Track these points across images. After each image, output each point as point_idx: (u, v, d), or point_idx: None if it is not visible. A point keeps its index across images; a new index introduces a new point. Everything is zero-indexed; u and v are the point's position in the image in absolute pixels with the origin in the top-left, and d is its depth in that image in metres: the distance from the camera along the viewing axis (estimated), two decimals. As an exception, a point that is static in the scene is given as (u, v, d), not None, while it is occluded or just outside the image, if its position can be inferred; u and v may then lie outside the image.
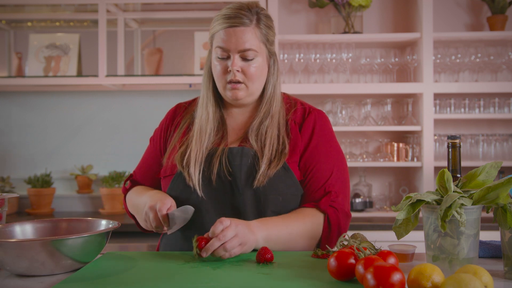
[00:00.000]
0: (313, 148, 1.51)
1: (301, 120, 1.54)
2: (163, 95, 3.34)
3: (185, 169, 1.46)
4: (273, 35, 1.53)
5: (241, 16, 1.45)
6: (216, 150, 1.48)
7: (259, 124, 1.51)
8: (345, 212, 1.48)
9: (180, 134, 1.56)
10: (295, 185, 1.47)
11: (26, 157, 3.38)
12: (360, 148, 3.15)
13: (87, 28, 3.48)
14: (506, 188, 1.10)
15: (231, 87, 1.48)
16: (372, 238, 1.41)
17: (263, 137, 1.48)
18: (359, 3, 3.00)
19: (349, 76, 3.16)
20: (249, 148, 1.47)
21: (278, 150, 1.47)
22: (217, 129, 1.53)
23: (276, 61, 1.56)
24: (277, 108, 1.53)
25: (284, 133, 1.50)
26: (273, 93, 1.54)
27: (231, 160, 1.45)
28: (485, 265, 1.24)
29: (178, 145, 1.53)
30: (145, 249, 2.65)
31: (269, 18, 1.52)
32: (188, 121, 1.58)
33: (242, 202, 1.43)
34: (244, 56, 1.46)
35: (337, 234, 1.46)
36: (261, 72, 1.50)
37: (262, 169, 1.43)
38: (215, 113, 1.54)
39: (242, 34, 1.44)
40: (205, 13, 3.33)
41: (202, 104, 1.54)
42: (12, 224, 1.31)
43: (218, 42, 1.47)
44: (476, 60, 3.05)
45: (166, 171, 1.52)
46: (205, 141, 1.49)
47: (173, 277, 1.12)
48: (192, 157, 1.46)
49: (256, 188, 1.43)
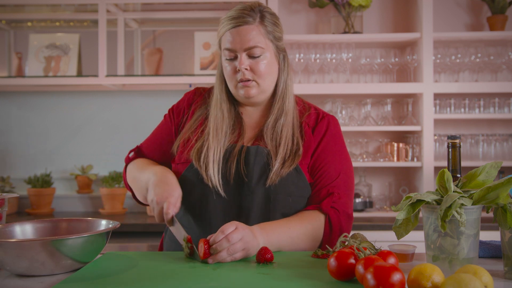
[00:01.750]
0: (322, 150, 1.52)
1: (314, 123, 1.56)
2: (163, 95, 3.34)
3: (203, 168, 1.45)
4: (280, 31, 1.53)
5: (244, 16, 1.46)
6: (233, 148, 1.48)
7: (274, 122, 1.51)
8: (347, 213, 1.48)
9: (196, 125, 1.55)
10: (305, 187, 1.48)
11: (26, 157, 3.38)
12: (360, 148, 3.15)
13: (87, 28, 3.48)
14: (506, 188, 1.10)
15: (243, 85, 1.48)
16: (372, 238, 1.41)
17: (278, 136, 1.49)
18: (359, 3, 3.00)
19: (349, 76, 3.16)
20: (263, 147, 1.48)
21: (292, 150, 1.48)
22: (233, 127, 1.53)
23: (286, 57, 1.56)
24: (291, 105, 1.54)
25: (298, 135, 1.51)
26: (285, 90, 1.54)
27: (247, 160, 1.46)
28: (485, 265, 1.24)
29: (193, 138, 1.52)
30: (145, 249, 2.65)
31: (274, 15, 1.53)
32: (203, 114, 1.57)
33: (251, 201, 1.44)
34: (251, 53, 1.46)
35: (338, 236, 1.46)
36: (270, 69, 1.50)
37: (275, 167, 1.44)
38: (229, 112, 1.54)
39: (246, 33, 1.45)
40: (205, 13, 3.33)
41: (216, 105, 1.54)
42: (12, 224, 1.31)
43: (225, 44, 1.48)
44: (476, 60, 3.05)
45: (181, 159, 1.52)
46: (221, 140, 1.49)
47: (173, 277, 1.12)
48: (210, 157, 1.45)
49: (267, 187, 1.43)
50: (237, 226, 1.27)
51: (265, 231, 1.35)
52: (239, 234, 1.25)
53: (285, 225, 1.41)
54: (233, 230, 1.26)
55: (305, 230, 1.42)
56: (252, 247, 1.29)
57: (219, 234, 1.25)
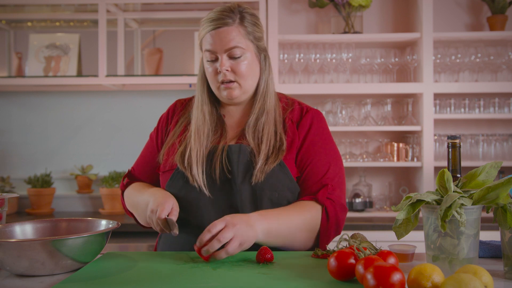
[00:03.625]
0: (309, 144, 1.52)
1: (299, 118, 1.56)
2: (163, 95, 3.34)
3: (187, 169, 1.46)
4: (260, 31, 1.54)
5: (223, 17, 1.47)
6: (216, 149, 1.49)
7: (255, 121, 1.52)
8: (342, 204, 1.49)
9: (178, 132, 1.57)
10: (290, 182, 1.48)
11: (26, 157, 3.38)
12: (360, 148, 3.15)
13: (87, 28, 3.48)
14: (506, 188, 1.10)
15: (225, 87, 1.49)
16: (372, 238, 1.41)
17: (260, 134, 1.50)
18: (359, 3, 3.00)
19: (349, 76, 3.16)
20: (246, 145, 1.49)
21: (275, 146, 1.48)
22: (215, 128, 1.54)
23: (267, 57, 1.57)
24: (272, 104, 1.55)
25: (281, 130, 1.52)
26: (266, 89, 1.55)
27: (230, 158, 1.47)
28: (485, 265, 1.24)
29: (177, 143, 1.54)
30: (145, 249, 2.65)
31: (254, 15, 1.54)
32: (186, 120, 1.59)
33: (240, 199, 1.44)
34: (232, 54, 1.47)
35: (335, 227, 1.47)
36: (251, 69, 1.51)
37: (259, 164, 1.44)
38: (211, 113, 1.56)
39: (226, 34, 1.46)
40: (205, 13, 3.33)
41: (197, 107, 1.55)
42: (12, 224, 1.31)
43: (205, 46, 1.50)
44: (476, 60, 3.05)
45: (166, 167, 1.53)
46: (204, 141, 1.50)
47: (173, 277, 1.12)
48: (193, 157, 1.46)
49: (253, 185, 1.44)
50: (227, 223, 1.26)
51: (265, 219, 1.35)
52: (229, 232, 1.24)
53: (284, 213, 1.41)
54: (223, 229, 1.25)
55: (304, 219, 1.42)
56: (249, 239, 1.28)
57: (206, 233, 1.24)
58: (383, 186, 3.23)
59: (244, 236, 1.27)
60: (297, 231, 1.41)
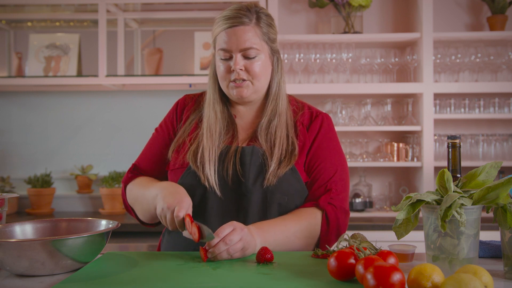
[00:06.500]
0: (317, 147, 1.52)
1: (309, 122, 1.56)
2: (163, 95, 3.34)
3: (200, 169, 1.45)
4: (274, 33, 1.53)
5: (240, 16, 1.45)
6: (229, 149, 1.49)
7: (267, 123, 1.51)
8: (344, 209, 1.49)
9: (189, 130, 1.55)
10: (301, 186, 1.48)
11: (26, 157, 3.38)
12: (360, 148, 3.15)
13: (87, 28, 3.48)
14: (506, 188, 1.10)
15: (235, 85, 1.48)
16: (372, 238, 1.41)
17: (273, 137, 1.49)
18: (359, 3, 3.00)
19: (349, 76, 3.16)
20: (258, 147, 1.48)
21: (288, 150, 1.48)
22: (226, 128, 1.53)
23: (280, 59, 1.56)
24: (284, 106, 1.54)
25: (293, 134, 1.51)
26: (278, 91, 1.54)
27: (242, 160, 1.46)
28: (485, 265, 1.24)
29: (188, 141, 1.52)
30: (145, 249, 2.64)
31: (270, 16, 1.53)
32: (197, 117, 1.57)
33: (249, 201, 1.44)
34: (246, 54, 1.46)
35: (336, 232, 1.47)
36: (265, 70, 1.50)
37: (272, 168, 1.44)
38: (222, 112, 1.54)
39: (242, 33, 1.45)
40: (205, 13, 3.33)
41: (209, 105, 1.54)
42: (12, 224, 1.31)
43: (220, 44, 1.48)
44: (476, 60, 3.05)
45: (176, 164, 1.51)
46: (216, 140, 1.49)
47: (173, 277, 1.12)
48: (206, 157, 1.45)
49: (265, 188, 1.44)
50: (235, 227, 1.27)
51: (261, 231, 1.36)
52: (237, 235, 1.25)
53: (281, 223, 1.41)
54: (231, 232, 1.26)
55: (300, 227, 1.42)
56: (250, 247, 1.29)
57: (215, 238, 1.25)
58: (383, 186, 3.23)
59: (249, 241, 1.28)
60: (294, 239, 1.42)
